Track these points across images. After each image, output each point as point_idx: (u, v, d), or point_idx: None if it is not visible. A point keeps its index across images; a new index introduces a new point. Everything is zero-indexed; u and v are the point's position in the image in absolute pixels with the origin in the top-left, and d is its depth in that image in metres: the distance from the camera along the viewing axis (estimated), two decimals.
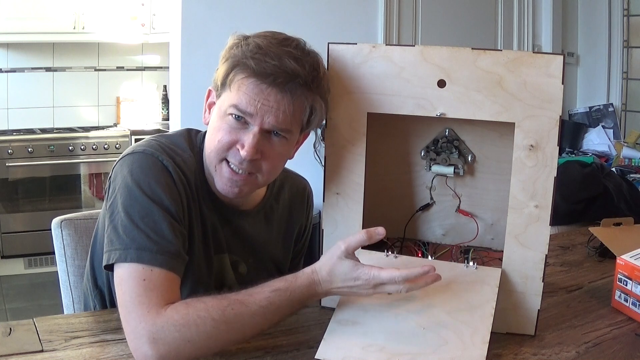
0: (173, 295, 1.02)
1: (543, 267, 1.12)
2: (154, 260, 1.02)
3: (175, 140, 1.20)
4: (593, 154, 3.71)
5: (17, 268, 4.04)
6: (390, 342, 1.03)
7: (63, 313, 1.41)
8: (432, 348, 1.01)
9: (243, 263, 1.26)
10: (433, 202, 1.28)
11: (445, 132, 1.23)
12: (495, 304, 1.07)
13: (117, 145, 4.22)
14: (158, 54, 4.71)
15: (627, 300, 1.26)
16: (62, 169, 4.12)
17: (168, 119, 3.89)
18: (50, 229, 1.45)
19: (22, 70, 4.36)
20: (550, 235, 1.11)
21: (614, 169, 3.31)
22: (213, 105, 1.16)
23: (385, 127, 1.23)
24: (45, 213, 3.91)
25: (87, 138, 4.19)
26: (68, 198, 4.16)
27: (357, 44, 1.15)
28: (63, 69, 4.48)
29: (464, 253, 1.26)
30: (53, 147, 4.07)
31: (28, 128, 4.28)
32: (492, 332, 1.03)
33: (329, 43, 1.16)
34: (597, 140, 3.91)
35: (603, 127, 3.99)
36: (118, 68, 4.67)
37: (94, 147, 4.18)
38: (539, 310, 1.14)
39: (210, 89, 1.18)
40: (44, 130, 4.25)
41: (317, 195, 1.33)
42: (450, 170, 1.23)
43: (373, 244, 1.06)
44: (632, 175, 3.23)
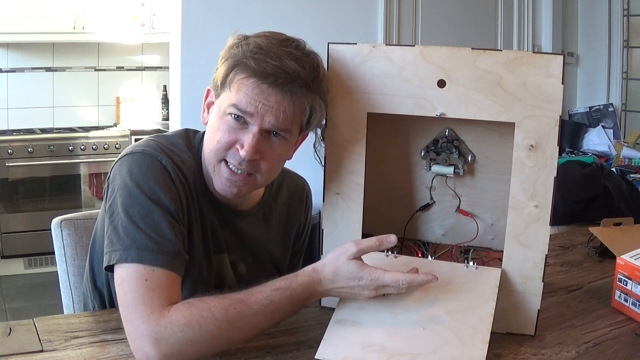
0: (174, 295, 1.02)
1: (543, 267, 1.12)
2: (155, 261, 1.02)
3: (174, 141, 1.19)
4: (593, 154, 3.71)
5: (17, 268, 4.04)
6: (390, 342, 1.03)
7: (63, 313, 1.41)
8: (432, 348, 1.01)
9: (242, 263, 1.26)
10: (433, 202, 1.28)
11: (445, 132, 1.23)
12: (495, 304, 1.07)
13: (117, 145, 4.22)
14: (158, 54, 4.71)
15: (627, 300, 1.26)
16: (62, 169, 4.12)
17: (168, 119, 3.88)
18: (50, 229, 1.45)
19: (22, 70, 4.36)
20: (550, 235, 1.11)
21: (614, 169, 3.32)
22: (212, 105, 1.16)
23: (385, 127, 1.23)
24: (45, 213, 3.91)
25: (87, 138, 4.19)
26: (68, 198, 4.16)
27: (357, 44, 1.15)
28: (63, 69, 4.48)
29: (464, 253, 1.26)
30: (53, 147, 4.07)
31: (28, 128, 4.28)
32: (492, 332, 1.03)
33: (329, 43, 1.16)
34: (597, 140, 3.91)
35: (603, 127, 3.99)
36: (118, 68, 4.67)
37: (94, 147, 4.18)
38: (539, 310, 1.14)
39: (209, 89, 1.17)
40: (44, 130, 4.25)
41: (317, 195, 1.33)
42: (450, 170, 1.23)
43: (373, 237, 1.06)
44: (632, 175, 3.23)
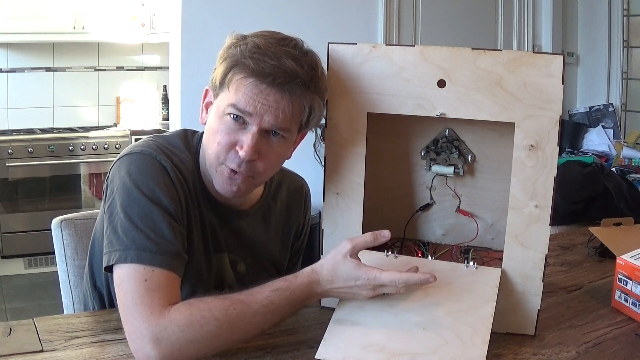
0: (174, 296, 1.02)
1: (543, 267, 1.12)
2: (155, 261, 1.02)
3: (172, 141, 1.19)
4: (593, 154, 3.71)
5: (17, 268, 4.04)
6: (390, 342, 1.03)
7: (63, 313, 1.41)
8: (432, 348, 1.01)
9: (242, 262, 1.26)
10: (433, 202, 1.28)
11: (445, 132, 1.23)
12: (495, 304, 1.07)
13: (117, 145, 4.22)
14: (158, 54, 4.71)
15: (627, 300, 1.26)
16: (62, 169, 4.12)
17: (168, 119, 3.89)
18: (50, 229, 1.45)
19: (22, 70, 4.36)
20: (550, 235, 1.11)
21: (614, 169, 3.32)
22: (210, 105, 1.15)
23: (385, 127, 1.23)
24: (45, 213, 3.91)
25: (87, 138, 4.19)
26: (68, 198, 4.16)
27: (357, 44, 1.15)
28: (63, 69, 4.48)
29: (464, 253, 1.26)
30: (53, 147, 4.07)
31: (28, 128, 4.28)
32: (492, 332, 1.03)
33: (329, 43, 1.16)
34: (597, 140, 3.91)
35: (603, 127, 3.99)
36: (118, 68, 4.67)
37: (94, 147, 4.18)
38: (539, 310, 1.14)
39: (207, 89, 1.17)
40: (44, 130, 4.25)
41: (317, 195, 1.33)
42: (450, 170, 1.23)
43: (368, 232, 1.06)
44: (632, 175, 3.23)
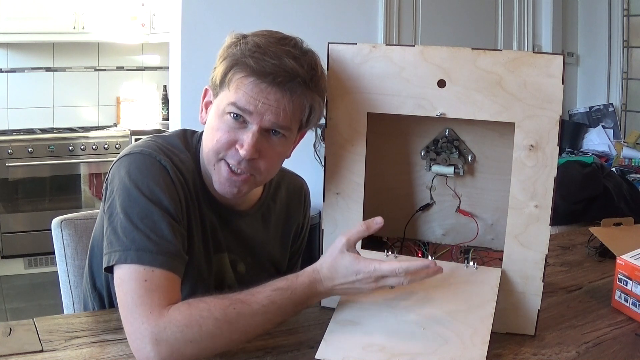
0: (174, 296, 1.02)
1: (543, 267, 1.12)
2: (155, 261, 1.02)
3: (172, 141, 1.19)
4: (593, 154, 3.71)
5: (17, 268, 4.04)
6: (390, 342, 1.03)
7: (63, 313, 1.41)
8: (432, 348, 1.01)
9: (241, 262, 1.26)
10: (433, 202, 1.28)
11: (445, 132, 1.23)
12: (496, 304, 1.07)
13: (117, 145, 4.22)
14: (158, 54, 4.71)
15: (627, 300, 1.26)
16: (62, 169, 4.12)
17: (168, 119, 3.89)
18: (50, 229, 1.45)
19: (22, 70, 4.36)
20: (550, 235, 1.11)
21: (614, 169, 3.32)
22: (210, 105, 1.15)
23: (385, 127, 1.23)
24: (45, 213, 3.91)
25: (87, 138, 4.20)
26: (68, 198, 4.16)
27: (357, 44, 1.15)
28: (63, 69, 4.48)
29: (464, 253, 1.26)
30: (53, 147, 4.07)
31: (28, 128, 4.28)
32: (492, 332, 1.03)
33: (329, 43, 1.16)
34: (597, 140, 3.91)
35: (603, 127, 3.99)
36: (118, 68, 4.67)
37: (94, 147, 4.18)
38: (539, 310, 1.14)
39: (207, 88, 1.17)
40: (44, 130, 4.25)
41: (317, 195, 1.33)
42: (450, 170, 1.23)
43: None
44: (632, 175, 3.23)
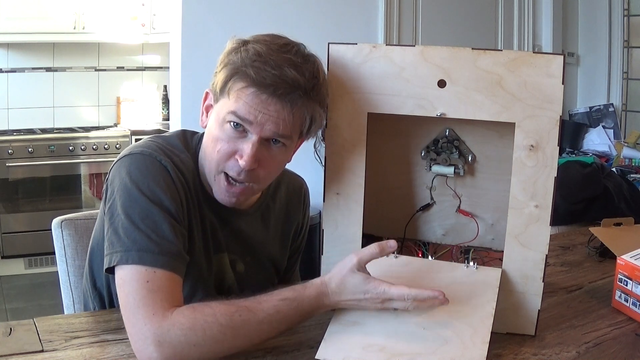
0: (176, 297, 1.02)
1: (543, 267, 1.12)
2: (156, 262, 1.01)
3: (172, 141, 1.19)
4: (593, 154, 3.71)
5: (17, 268, 4.04)
6: (390, 342, 1.03)
7: (63, 313, 1.41)
8: (432, 348, 1.01)
9: (241, 262, 1.26)
10: (433, 202, 1.28)
11: (446, 132, 1.23)
12: (496, 304, 1.07)
13: (117, 146, 4.22)
14: (158, 54, 4.71)
15: (627, 301, 1.26)
16: (62, 169, 4.12)
17: (168, 119, 3.89)
18: (51, 229, 1.45)
19: (22, 70, 4.36)
20: (551, 235, 1.11)
21: (614, 169, 3.32)
22: (210, 109, 1.15)
23: (386, 127, 1.23)
24: (46, 213, 3.91)
25: (87, 138, 4.19)
26: (68, 198, 4.16)
27: (357, 44, 1.15)
28: (63, 69, 4.48)
29: (464, 253, 1.26)
30: (53, 147, 4.07)
31: (28, 128, 4.28)
32: (492, 332, 1.03)
33: (329, 43, 1.16)
34: (597, 140, 3.91)
35: (603, 127, 3.99)
36: (118, 68, 4.67)
37: (94, 147, 4.18)
38: (539, 311, 1.14)
39: (208, 91, 1.16)
40: (44, 130, 4.25)
41: (317, 195, 1.33)
42: (451, 170, 1.23)
43: (373, 244, 1.06)
44: (632, 175, 3.23)
